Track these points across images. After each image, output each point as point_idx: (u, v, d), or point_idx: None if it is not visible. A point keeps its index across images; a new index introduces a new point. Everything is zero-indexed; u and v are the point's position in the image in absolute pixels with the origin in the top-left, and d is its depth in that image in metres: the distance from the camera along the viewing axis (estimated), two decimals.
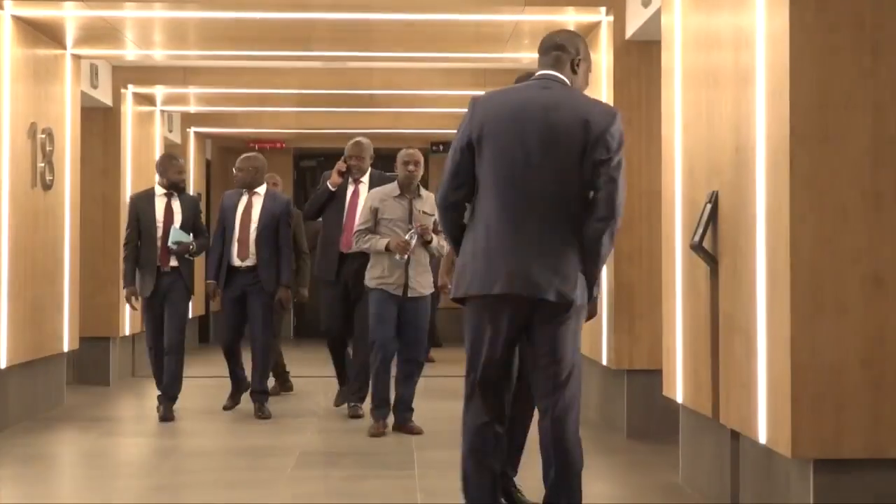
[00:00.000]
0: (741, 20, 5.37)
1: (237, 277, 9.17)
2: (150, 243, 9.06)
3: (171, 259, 9.05)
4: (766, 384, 5.01)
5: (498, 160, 4.64)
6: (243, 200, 9.29)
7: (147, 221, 9.09)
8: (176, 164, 9.26)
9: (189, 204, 9.29)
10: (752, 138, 5.17)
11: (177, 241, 8.99)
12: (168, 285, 9.07)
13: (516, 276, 4.57)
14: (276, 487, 6.53)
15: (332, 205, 9.03)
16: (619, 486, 6.66)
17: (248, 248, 9.14)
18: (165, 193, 9.16)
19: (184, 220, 9.12)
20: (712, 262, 5.73)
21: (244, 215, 9.21)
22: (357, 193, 9.05)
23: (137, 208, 9.17)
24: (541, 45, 4.90)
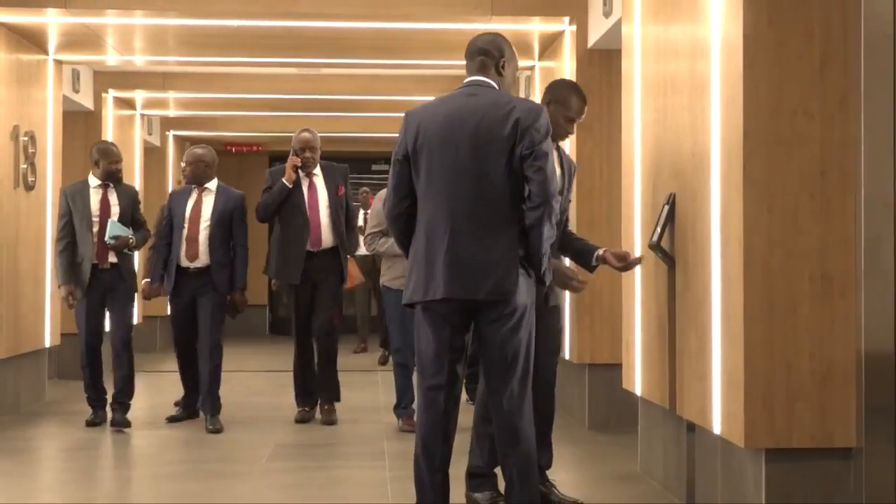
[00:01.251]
0: (697, 31, 5.49)
1: (186, 280, 8.46)
2: (85, 238, 8.27)
3: (110, 255, 8.32)
4: (721, 378, 5.13)
5: (432, 169, 4.77)
6: (192, 197, 8.59)
7: (81, 215, 8.30)
8: (111, 153, 8.49)
9: (127, 195, 8.51)
10: (708, 143, 5.29)
11: (114, 236, 8.27)
12: (108, 284, 8.33)
13: (456, 281, 4.69)
14: (251, 478, 6.63)
15: (289, 204, 8.43)
16: (581, 475, 6.75)
17: (197, 247, 8.44)
18: (101, 185, 8.40)
19: (121, 212, 8.38)
20: (670, 261, 5.83)
21: (193, 212, 8.49)
22: (314, 188, 8.52)
23: (70, 201, 8.35)
24: (466, 49, 5.00)
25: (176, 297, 8.59)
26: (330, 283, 8.49)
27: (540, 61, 9.94)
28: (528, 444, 4.79)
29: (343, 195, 8.62)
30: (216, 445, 7.64)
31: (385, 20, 8.89)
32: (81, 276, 8.27)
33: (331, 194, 8.53)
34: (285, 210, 8.46)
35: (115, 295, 8.38)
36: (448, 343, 4.79)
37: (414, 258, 4.84)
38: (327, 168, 8.61)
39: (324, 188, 8.53)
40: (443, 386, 4.78)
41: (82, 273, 8.27)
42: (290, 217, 8.45)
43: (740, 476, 5.19)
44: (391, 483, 6.42)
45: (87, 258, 8.28)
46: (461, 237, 4.72)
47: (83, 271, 8.28)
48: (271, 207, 8.49)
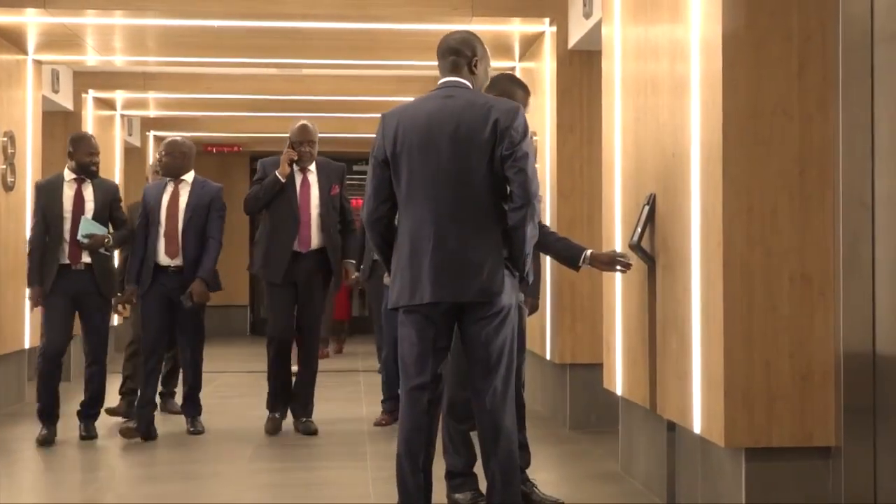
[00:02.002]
0: (677, 32, 5.52)
1: (164, 278, 7.91)
2: (55, 236, 7.69)
3: (84, 255, 7.69)
4: (701, 377, 5.15)
5: (414, 173, 4.77)
6: (168, 190, 8.07)
7: (53, 211, 7.72)
8: (86, 143, 7.85)
9: (104, 190, 7.89)
10: (688, 144, 5.32)
11: (88, 234, 7.64)
12: (81, 287, 7.69)
13: (442, 283, 4.70)
14: (233, 479, 6.64)
15: (279, 198, 7.98)
16: (562, 475, 6.77)
17: (177, 244, 7.94)
18: (75, 179, 7.80)
19: (97, 209, 7.75)
20: (650, 262, 5.86)
21: (171, 207, 7.99)
22: (307, 184, 8.09)
23: (42, 197, 7.81)
24: (438, 48, 4.99)
25: (150, 298, 7.93)
26: (316, 288, 8.05)
27: (520, 62, 9.96)
28: (510, 443, 4.81)
29: (337, 195, 8.17)
30: (197, 446, 7.64)
31: (365, 21, 8.91)
32: (46, 278, 7.66)
33: (323, 193, 8.07)
34: (275, 205, 8.00)
35: (88, 300, 7.73)
36: (432, 343, 4.80)
37: (398, 262, 4.84)
38: (323, 165, 8.17)
39: (317, 186, 8.08)
40: (426, 386, 4.79)
41: (48, 275, 7.66)
42: (279, 213, 8.00)
43: (720, 475, 5.21)
44: (373, 483, 6.43)
45: (53, 259, 7.66)
46: (446, 240, 4.73)
47: (48, 273, 7.67)
48: (261, 201, 8.03)
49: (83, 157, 7.81)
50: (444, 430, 5.53)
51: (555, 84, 8.56)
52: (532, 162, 4.80)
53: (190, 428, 8.13)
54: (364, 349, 14.51)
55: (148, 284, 7.93)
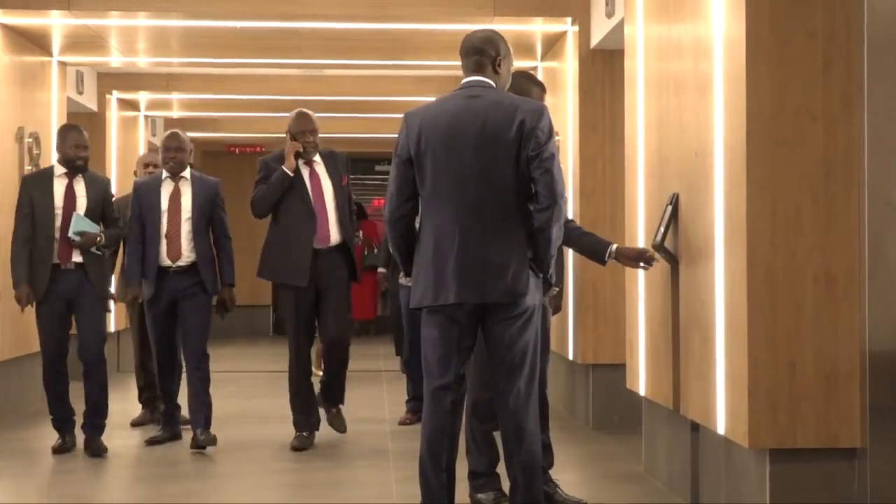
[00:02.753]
0: (700, 30, 5.50)
1: (167, 282, 7.44)
2: (45, 234, 7.21)
3: (74, 254, 7.23)
4: (725, 378, 5.14)
5: (438, 173, 4.76)
6: (167, 188, 7.56)
7: (42, 206, 7.24)
8: (74, 137, 7.35)
9: (96, 186, 7.43)
10: (711, 143, 5.30)
11: (80, 231, 7.17)
12: (72, 288, 7.23)
13: (467, 284, 4.69)
14: (253, 479, 6.64)
15: (290, 195, 7.46)
16: (585, 475, 6.76)
17: (180, 244, 7.45)
18: (66, 173, 7.34)
19: (90, 205, 7.29)
20: (673, 262, 5.85)
21: (172, 205, 7.50)
22: (317, 176, 7.57)
23: (31, 191, 7.33)
24: (461, 47, 4.96)
25: (155, 302, 7.51)
26: (340, 287, 7.55)
27: (542, 62, 9.95)
28: (533, 443, 4.80)
29: (346, 186, 7.70)
30: (219, 446, 7.61)
31: (387, 21, 8.92)
32: (38, 278, 7.19)
33: (335, 184, 7.59)
34: (286, 203, 7.46)
35: (82, 301, 7.25)
36: (456, 343, 4.80)
37: (421, 262, 4.83)
38: (328, 156, 7.69)
39: (327, 177, 7.58)
40: (450, 386, 4.79)
41: (39, 275, 7.19)
42: (293, 210, 7.43)
43: (744, 476, 5.20)
44: (396, 483, 6.43)
45: (43, 258, 7.20)
46: (470, 240, 4.72)
47: (40, 273, 7.19)
48: (271, 201, 7.45)
49: (68, 151, 7.33)
50: (467, 430, 5.53)
51: (577, 84, 8.55)
52: (558, 163, 4.79)
53: (200, 438, 7.39)
54: (386, 350, 14.50)
55: (154, 286, 7.46)
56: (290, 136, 7.59)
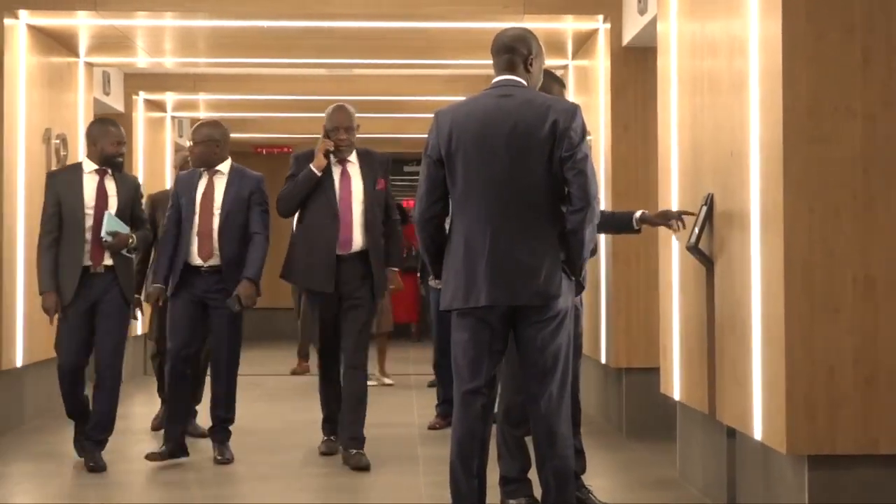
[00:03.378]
0: (735, 27, 5.43)
1: (196, 280, 7.01)
2: (75, 235, 6.86)
3: (105, 256, 6.91)
4: (762, 382, 5.07)
5: (469, 173, 4.70)
6: (202, 183, 7.14)
7: (72, 205, 6.89)
8: (115, 132, 7.02)
9: (127, 185, 7.07)
10: (747, 142, 5.23)
11: (112, 232, 6.84)
12: (100, 292, 6.88)
13: (498, 286, 4.63)
14: (284, 482, 6.61)
15: (316, 195, 7.03)
16: (618, 481, 6.72)
17: (212, 243, 7.00)
18: (97, 170, 6.98)
19: (121, 205, 6.95)
20: (708, 263, 5.79)
21: (204, 201, 7.06)
22: (348, 177, 7.10)
23: (59, 189, 6.96)
24: (493, 45, 4.89)
25: (180, 301, 7.05)
26: (359, 301, 7.06)
27: (573, 60, 9.88)
28: (565, 448, 4.75)
29: (383, 190, 7.23)
30: (246, 450, 7.59)
31: (416, 20, 8.88)
32: (66, 282, 6.86)
33: (367, 188, 7.11)
34: (312, 203, 7.04)
35: (107, 306, 6.91)
36: (487, 347, 4.74)
37: (451, 264, 4.77)
38: (365, 156, 7.19)
39: (359, 179, 7.11)
40: (480, 390, 4.74)
41: (67, 279, 6.86)
42: (318, 211, 7.02)
43: (782, 483, 5.13)
44: (425, 488, 6.40)
45: (74, 260, 6.86)
46: (502, 242, 4.66)
47: (68, 276, 6.86)
48: (296, 199, 7.05)
49: (109, 148, 6.97)
50: (498, 435, 5.49)
51: (609, 82, 8.49)
52: (591, 163, 4.72)
53: (218, 457, 7.14)
54: (416, 354, 14.46)
55: (175, 285, 7.03)
56: (324, 133, 7.14)
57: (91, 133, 7.07)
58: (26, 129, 8.73)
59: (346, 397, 7.08)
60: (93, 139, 7.02)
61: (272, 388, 11.34)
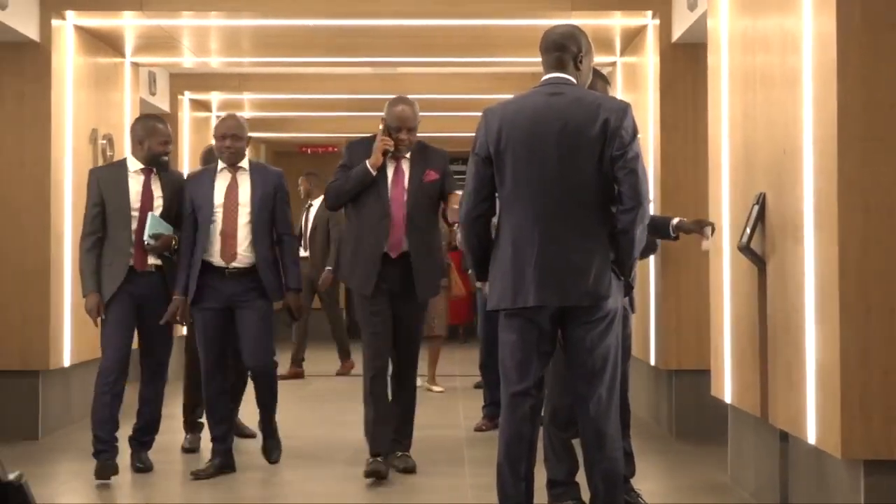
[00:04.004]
0: (788, 22, 5.36)
1: (220, 284, 6.65)
2: (119, 237, 6.66)
3: (150, 257, 6.69)
4: (815, 384, 4.99)
5: (518, 172, 4.65)
6: (223, 179, 6.76)
7: (116, 205, 6.68)
8: (162, 130, 6.80)
9: (172, 184, 6.84)
10: (800, 140, 5.16)
11: (155, 234, 6.61)
12: (146, 293, 6.67)
13: (548, 287, 4.58)
14: (330, 480, 6.62)
15: (367, 190, 6.61)
16: (668, 485, 6.65)
17: (236, 244, 6.66)
18: (142, 169, 6.76)
19: (166, 205, 6.73)
20: (760, 264, 5.72)
21: (228, 200, 6.69)
22: (401, 174, 6.67)
23: (103, 187, 6.74)
24: (542, 43, 4.82)
25: (206, 308, 6.69)
26: (411, 302, 6.72)
27: (622, 57, 9.80)
28: (615, 450, 4.69)
29: (435, 183, 6.68)
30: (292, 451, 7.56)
31: (462, 17, 8.83)
32: (108, 283, 6.64)
33: (413, 183, 6.66)
34: (362, 199, 6.62)
35: (155, 308, 6.68)
36: (535, 348, 4.69)
37: (498, 264, 4.72)
38: (418, 150, 6.73)
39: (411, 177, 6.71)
40: (528, 392, 4.69)
41: (111, 280, 6.64)
42: (368, 208, 6.61)
43: (837, 488, 5.04)
44: (472, 490, 6.36)
45: (118, 261, 6.66)
46: (551, 241, 4.61)
47: (111, 277, 6.64)
48: (348, 194, 6.62)
49: (157, 147, 6.76)
50: (545, 437, 5.44)
51: (658, 79, 8.41)
52: (642, 162, 4.67)
53: (273, 457, 7.03)
54: (461, 354, 14.42)
55: (197, 293, 6.66)
56: (384, 126, 6.64)
57: (136, 131, 6.86)
58: (73, 129, 8.77)
59: (396, 401, 6.85)
60: (138, 138, 6.81)
61: (319, 388, 11.34)
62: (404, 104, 6.70)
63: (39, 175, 8.30)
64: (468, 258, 4.94)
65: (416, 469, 6.80)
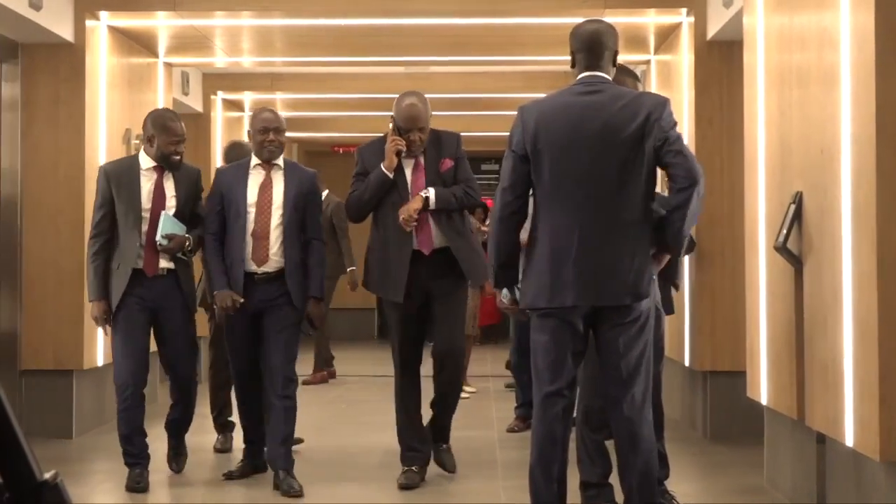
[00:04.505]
0: (825, 19, 5.29)
1: (251, 290, 6.31)
2: (129, 237, 6.26)
3: (161, 259, 6.31)
4: (854, 386, 4.93)
5: (557, 170, 4.61)
6: (257, 177, 6.39)
7: (127, 205, 6.27)
8: (171, 129, 6.34)
9: (187, 181, 6.47)
10: (838, 138, 5.09)
11: (168, 235, 6.25)
12: (159, 297, 6.29)
13: (584, 286, 4.54)
14: (361, 484, 6.60)
15: (388, 194, 6.35)
16: (703, 488, 6.60)
17: (268, 246, 6.31)
18: (154, 167, 6.36)
19: (180, 205, 6.38)
20: (797, 264, 5.66)
21: (262, 199, 6.33)
22: (420, 170, 6.40)
23: (113, 185, 6.32)
24: (576, 41, 4.74)
25: (241, 318, 6.38)
26: (450, 301, 6.42)
27: (655, 55, 9.74)
28: (648, 452, 4.65)
29: (450, 171, 6.41)
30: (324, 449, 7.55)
31: (494, 16, 8.81)
32: (117, 288, 6.26)
33: (430, 176, 6.38)
34: (385, 203, 6.35)
35: (171, 314, 6.35)
36: (568, 348, 4.65)
37: (535, 264, 4.66)
38: (433, 142, 6.43)
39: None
40: (561, 392, 4.65)
41: (119, 285, 6.26)
42: (391, 212, 6.31)
43: (875, 491, 4.97)
44: (504, 492, 6.33)
45: (125, 264, 6.26)
46: (590, 240, 4.57)
47: (120, 282, 6.27)
48: (369, 203, 6.37)
49: (168, 147, 6.33)
50: (578, 439, 5.41)
51: (693, 77, 8.34)
52: (687, 146, 4.64)
53: (284, 487, 6.29)
54: (492, 354, 14.38)
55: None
56: (393, 126, 6.37)
57: (147, 127, 6.45)
58: (107, 129, 8.79)
59: (442, 397, 6.54)
60: (148, 135, 6.41)
61: (350, 388, 11.34)
62: (413, 102, 6.40)
63: (73, 175, 8.33)
64: (494, 258, 4.79)
65: (455, 468, 6.66)
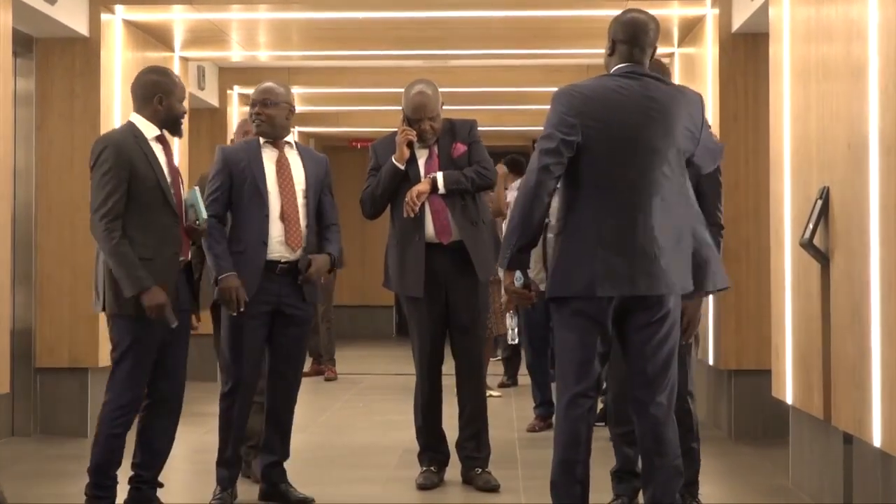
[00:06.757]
0: (853, 11, 5.22)
1: (268, 282, 5.66)
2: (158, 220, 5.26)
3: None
4: (881, 385, 4.86)
5: (594, 158, 4.49)
6: (271, 155, 5.78)
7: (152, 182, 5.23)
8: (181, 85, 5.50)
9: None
10: (865, 133, 5.02)
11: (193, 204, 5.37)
12: (172, 297, 5.23)
13: (623, 277, 4.44)
14: (380, 484, 6.56)
15: (403, 187, 6.16)
16: (727, 489, 6.52)
17: (300, 228, 5.72)
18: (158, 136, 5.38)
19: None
20: (823, 260, 5.59)
21: (283, 178, 5.73)
22: (434, 160, 6.22)
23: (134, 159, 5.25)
24: (622, 28, 4.62)
25: (251, 311, 5.64)
26: (470, 291, 6.23)
27: (679, 48, 9.64)
28: (674, 455, 4.56)
29: (463, 155, 6.24)
30: (342, 452, 7.49)
31: (515, 8, 8.74)
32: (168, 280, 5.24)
33: (443, 163, 6.21)
34: (400, 195, 6.17)
35: (182, 315, 5.38)
36: (595, 348, 4.54)
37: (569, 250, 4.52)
38: (447, 130, 6.26)
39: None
40: (587, 393, 4.56)
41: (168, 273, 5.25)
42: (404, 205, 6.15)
43: None
44: (525, 492, 6.27)
45: (165, 253, 5.26)
46: (631, 229, 4.45)
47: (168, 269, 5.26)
48: (383, 198, 6.20)
49: (178, 106, 5.42)
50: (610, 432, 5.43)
51: (717, 70, 8.25)
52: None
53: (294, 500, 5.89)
54: None
55: (255, 291, 5.66)
56: (403, 118, 6.22)
57: (148, 85, 5.40)
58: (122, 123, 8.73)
59: (463, 411, 6.36)
60: (152, 94, 5.37)
61: (368, 386, 11.30)
62: (420, 90, 6.23)
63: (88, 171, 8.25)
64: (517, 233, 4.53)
65: (499, 488, 6.27)
